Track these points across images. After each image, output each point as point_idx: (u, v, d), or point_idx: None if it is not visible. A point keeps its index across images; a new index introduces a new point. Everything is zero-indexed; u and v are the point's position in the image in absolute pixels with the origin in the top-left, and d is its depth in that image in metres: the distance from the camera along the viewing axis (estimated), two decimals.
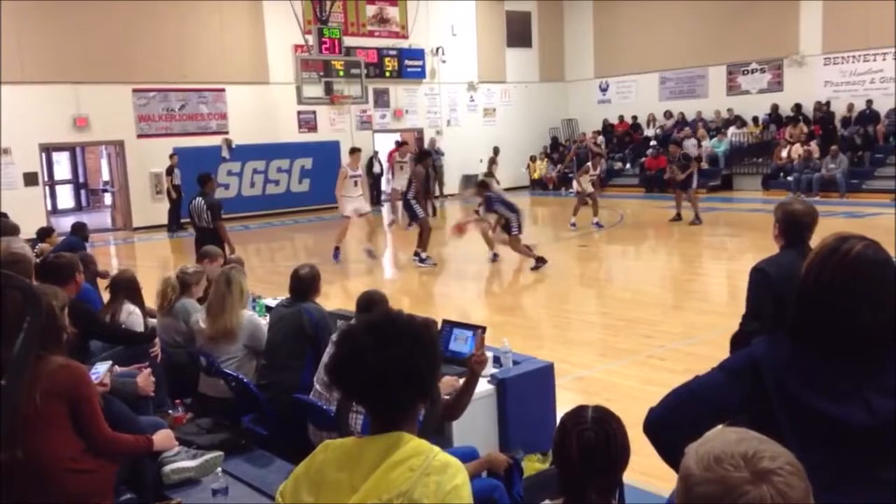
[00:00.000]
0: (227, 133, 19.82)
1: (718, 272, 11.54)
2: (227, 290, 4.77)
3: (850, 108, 19.98)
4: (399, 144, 17.84)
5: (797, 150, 19.69)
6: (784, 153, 20.07)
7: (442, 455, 1.71)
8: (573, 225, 15.40)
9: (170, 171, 18.23)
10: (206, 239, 9.56)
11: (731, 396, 1.89)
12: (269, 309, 5.92)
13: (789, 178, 19.33)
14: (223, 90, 19.69)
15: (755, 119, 21.48)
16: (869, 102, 19.64)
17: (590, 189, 15.62)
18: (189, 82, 19.04)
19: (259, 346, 4.78)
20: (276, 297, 6.71)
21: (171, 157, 18.23)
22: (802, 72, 20.83)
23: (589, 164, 16.30)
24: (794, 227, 3.53)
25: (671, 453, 1.89)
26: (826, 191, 18.23)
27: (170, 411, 4.59)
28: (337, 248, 12.48)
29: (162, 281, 5.42)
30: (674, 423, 1.90)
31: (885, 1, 18.20)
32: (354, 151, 13.10)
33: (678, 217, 15.46)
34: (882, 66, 19.43)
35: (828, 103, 20.39)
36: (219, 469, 3.76)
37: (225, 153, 19.78)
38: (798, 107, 20.82)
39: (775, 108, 21.32)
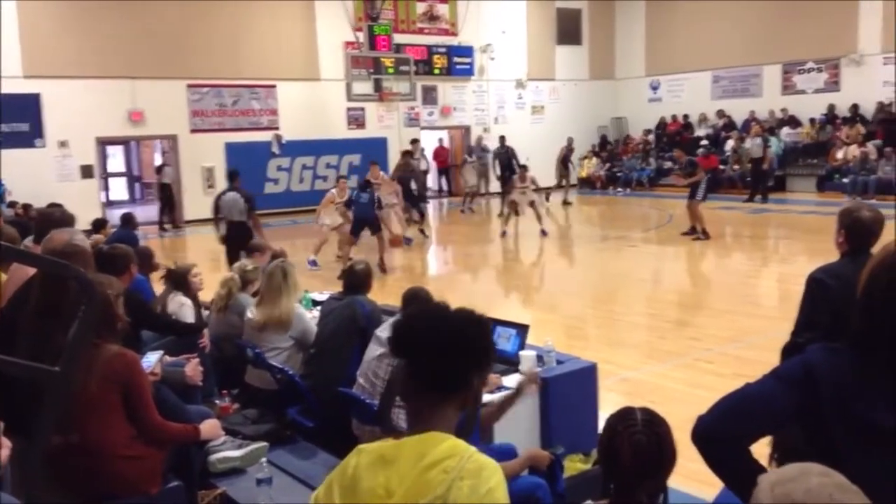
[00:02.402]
0: (277, 129, 20.08)
1: (770, 275, 11.31)
2: (282, 281, 4.85)
3: None
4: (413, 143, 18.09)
5: (853, 151, 19.19)
6: (840, 154, 19.58)
7: (477, 456, 1.68)
8: (503, 233, 15.00)
9: (159, 170, 18.46)
10: (240, 233, 9.55)
11: (785, 405, 1.83)
12: (315, 303, 6.00)
13: (844, 180, 18.86)
14: (274, 86, 19.91)
15: (812, 120, 21.01)
16: None
17: (524, 199, 14.74)
18: (242, 78, 19.32)
19: (307, 340, 4.83)
20: (322, 291, 6.79)
21: (163, 154, 18.47)
22: (860, 71, 20.27)
23: (515, 176, 15.37)
24: (860, 236, 3.36)
25: (720, 462, 1.85)
26: (883, 193, 17.73)
27: (217, 401, 4.66)
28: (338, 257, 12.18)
29: (224, 281, 5.48)
30: (724, 432, 1.85)
31: None
32: (341, 177, 13.27)
33: (692, 231, 13.76)
34: None
35: (890, 104, 19.80)
36: (263, 459, 3.79)
37: (275, 148, 20.02)
38: (855, 107, 20.29)
39: (831, 108, 20.81)
